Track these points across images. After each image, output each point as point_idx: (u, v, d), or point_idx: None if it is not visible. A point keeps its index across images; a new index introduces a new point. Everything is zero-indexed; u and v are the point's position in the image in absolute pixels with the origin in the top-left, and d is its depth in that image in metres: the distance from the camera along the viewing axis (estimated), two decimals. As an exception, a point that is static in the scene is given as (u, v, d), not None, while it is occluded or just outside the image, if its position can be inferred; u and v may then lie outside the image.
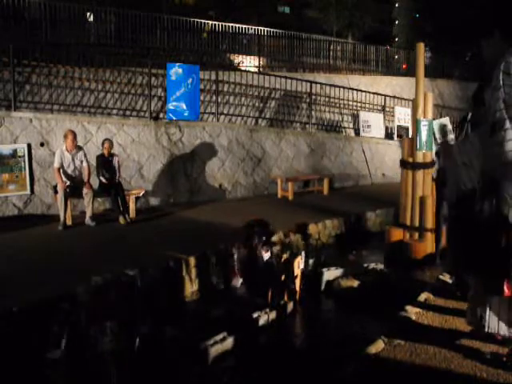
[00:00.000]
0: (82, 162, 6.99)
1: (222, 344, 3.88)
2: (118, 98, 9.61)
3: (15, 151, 7.54)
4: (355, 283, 5.35)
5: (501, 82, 2.67)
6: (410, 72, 14.42)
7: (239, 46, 14.93)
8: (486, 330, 3.02)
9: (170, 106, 9.25)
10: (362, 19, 27.31)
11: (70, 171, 6.93)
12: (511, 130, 2.65)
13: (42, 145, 7.78)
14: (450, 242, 5.62)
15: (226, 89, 10.86)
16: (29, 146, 7.64)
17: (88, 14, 12.84)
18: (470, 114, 3.72)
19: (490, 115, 2.79)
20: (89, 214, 6.89)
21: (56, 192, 6.90)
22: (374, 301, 4.79)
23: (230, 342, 3.94)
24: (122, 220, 6.99)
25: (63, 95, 8.92)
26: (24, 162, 7.57)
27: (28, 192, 7.54)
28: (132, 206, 7.45)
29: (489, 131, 2.79)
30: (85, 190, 6.83)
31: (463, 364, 3.02)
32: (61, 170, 6.81)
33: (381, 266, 5.94)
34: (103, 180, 7.15)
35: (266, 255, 5.13)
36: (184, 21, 13.62)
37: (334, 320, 4.79)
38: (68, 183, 6.85)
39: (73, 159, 6.93)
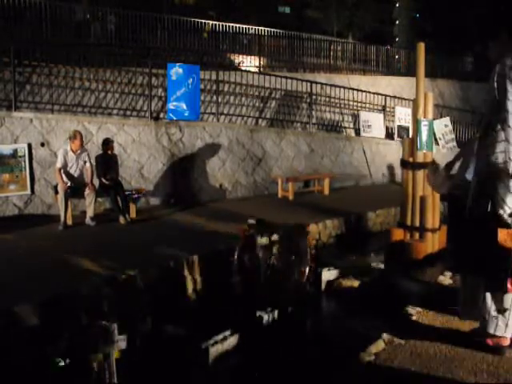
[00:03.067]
0: (85, 162, 6.98)
1: (222, 344, 3.88)
2: (118, 98, 9.61)
3: (15, 151, 7.55)
4: (355, 283, 5.35)
5: (495, 85, 2.68)
6: (411, 72, 14.42)
7: (239, 46, 14.93)
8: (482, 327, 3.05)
9: (171, 105, 9.24)
10: (363, 19, 27.34)
11: (72, 171, 6.93)
12: (502, 131, 2.66)
13: (42, 145, 7.78)
14: (449, 240, 5.63)
15: (226, 89, 10.85)
16: (29, 145, 7.65)
17: (88, 14, 12.86)
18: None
19: (484, 116, 2.81)
20: (89, 214, 6.88)
21: (56, 192, 6.89)
22: (374, 301, 4.79)
23: (231, 342, 3.94)
24: (122, 220, 6.98)
25: (64, 95, 8.93)
26: (24, 162, 7.57)
27: (28, 192, 7.54)
28: (132, 205, 7.45)
29: (482, 132, 2.80)
30: (87, 191, 6.82)
31: (463, 364, 3.02)
32: (62, 171, 6.81)
33: (381, 266, 5.94)
34: (104, 181, 7.14)
35: (267, 254, 5.14)
36: (184, 21, 13.63)
37: (334, 320, 4.79)
38: (69, 184, 6.85)
39: (77, 160, 6.93)
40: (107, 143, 7.39)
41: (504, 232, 2.70)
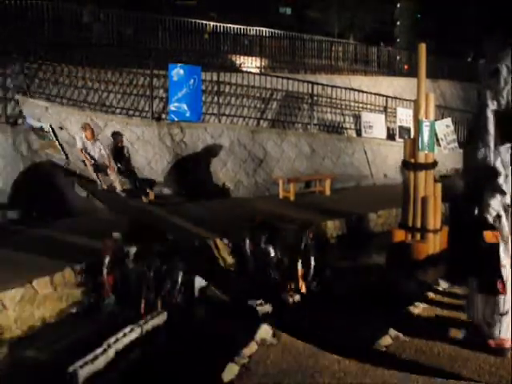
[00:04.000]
0: (100, 150, 7.67)
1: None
2: (120, 99, 9.63)
3: (42, 127, 7.96)
4: (357, 283, 5.35)
5: (479, 91, 2.73)
6: (412, 73, 14.43)
7: (241, 47, 14.93)
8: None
9: (172, 106, 9.25)
10: (364, 20, 27.34)
11: (92, 154, 7.67)
12: (483, 137, 2.69)
13: (61, 128, 8.19)
14: (450, 242, 5.63)
15: (227, 90, 10.86)
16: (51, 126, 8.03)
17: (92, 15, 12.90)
18: None
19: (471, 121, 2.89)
20: (118, 187, 7.68)
21: (85, 165, 7.67)
22: (376, 301, 4.78)
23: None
24: (144, 199, 7.74)
25: (68, 94, 9.10)
26: (51, 136, 7.99)
27: (63, 157, 8.07)
28: (150, 191, 8.00)
29: (467, 138, 2.87)
30: (109, 171, 7.61)
31: (467, 364, 3.02)
32: (84, 151, 7.54)
33: (383, 266, 5.94)
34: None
35: (271, 252, 5.20)
36: (186, 22, 13.65)
37: (335, 320, 4.78)
38: (93, 162, 7.63)
39: (93, 146, 7.65)
40: (116, 137, 8.03)
41: (490, 234, 2.75)
